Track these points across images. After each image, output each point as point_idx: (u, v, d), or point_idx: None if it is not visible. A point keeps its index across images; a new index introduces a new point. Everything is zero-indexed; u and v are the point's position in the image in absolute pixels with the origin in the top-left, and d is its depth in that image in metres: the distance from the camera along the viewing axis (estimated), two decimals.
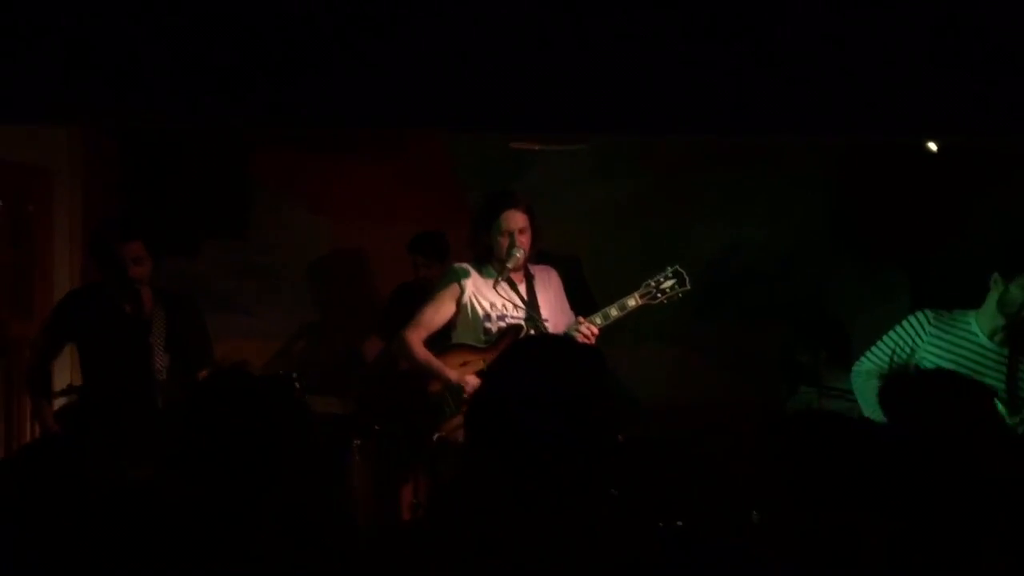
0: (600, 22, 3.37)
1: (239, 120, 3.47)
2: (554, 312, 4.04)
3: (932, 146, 4.56)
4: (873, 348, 3.94)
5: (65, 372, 4.70)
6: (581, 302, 4.23)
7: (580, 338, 3.81)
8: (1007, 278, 3.74)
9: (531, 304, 3.97)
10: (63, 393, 4.18)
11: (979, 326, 3.79)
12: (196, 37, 3.27)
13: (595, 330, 3.88)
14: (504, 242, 3.91)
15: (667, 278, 3.98)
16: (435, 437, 3.90)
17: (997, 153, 4.85)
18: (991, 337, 3.77)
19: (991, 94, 3.32)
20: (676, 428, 5.11)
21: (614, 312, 3.95)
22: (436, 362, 3.95)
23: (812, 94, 3.36)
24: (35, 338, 4.29)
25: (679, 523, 4.24)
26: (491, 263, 3.99)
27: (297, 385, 4.47)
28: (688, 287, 3.98)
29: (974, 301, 3.85)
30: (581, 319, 3.93)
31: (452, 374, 3.91)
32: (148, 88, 3.29)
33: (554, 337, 3.39)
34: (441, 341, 4.07)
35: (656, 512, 4.28)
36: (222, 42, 3.28)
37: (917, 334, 3.83)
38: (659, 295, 3.97)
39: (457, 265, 4.08)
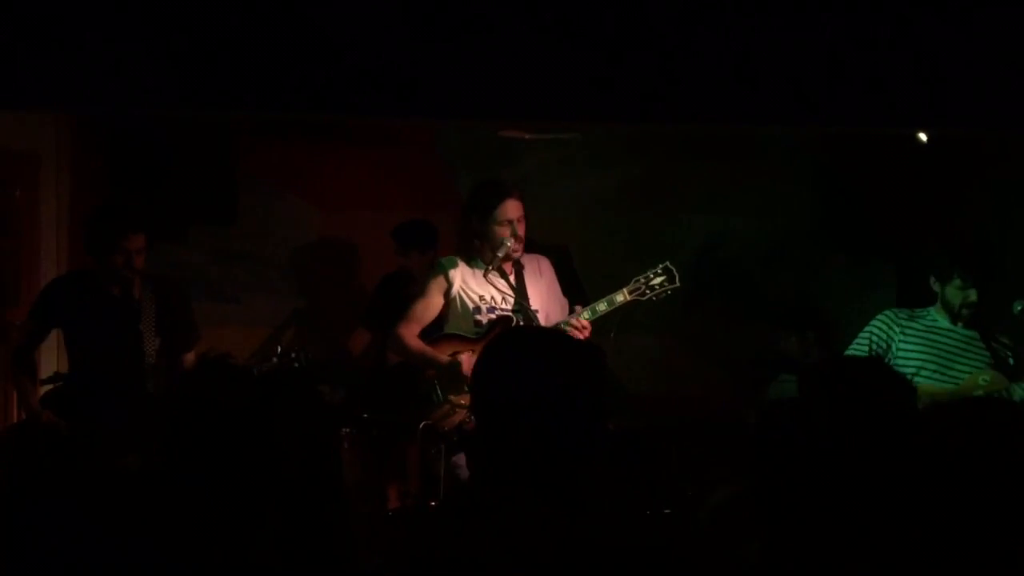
0: (592, 9, 3.38)
1: (233, 109, 3.47)
2: (545, 301, 4.05)
3: (923, 137, 4.58)
4: (849, 351, 4.01)
5: (51, 360, 4.69)
6: (570, 292, 4.24)
7: (572, 332, 3.83)
8: (941, 281, 3.87)
9: (520, 294, 3.98)
10: (49, 380, 4.17)
11: (941, 316, 3.91)
12: (188, 26, 3.26)
13: (586, 323, 3.89)
14: (505, 231, 3.91)
15: (657, 275, 3.97)
16: (422, 425, 3.92)
17: (983, 147, 4.88)
18: (955, 323, 3.88)
19: (989, 86, 3.34)
20: (662, 418, 5.13)
21: (602, 307, 3.96)
22: (429, 350, 3.98)
23: (806, 84, 3.37)
24: (21, 323, 4.28)
25: (666, 511, 4.27)
26: (482, 254, 3.99)
27: (296, 365, 4.48)
28: (678, 284, 3.97)
29: None
30: (578, 308, 3.93)
31: (444, 357, 3.93)
32: (142, 77, 3.27)
33: (548, 331, 3.40)
34: (432, 331, 4.08)
35: (643, 500, 4.31)
36: (216, 31, 3.27)
37: (890, 329, 3.94)
38: (648, 292, 3.97)
39: (445, 258, 4.09)
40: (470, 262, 4.02)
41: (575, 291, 4.29)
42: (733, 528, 1.91)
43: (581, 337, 3.83)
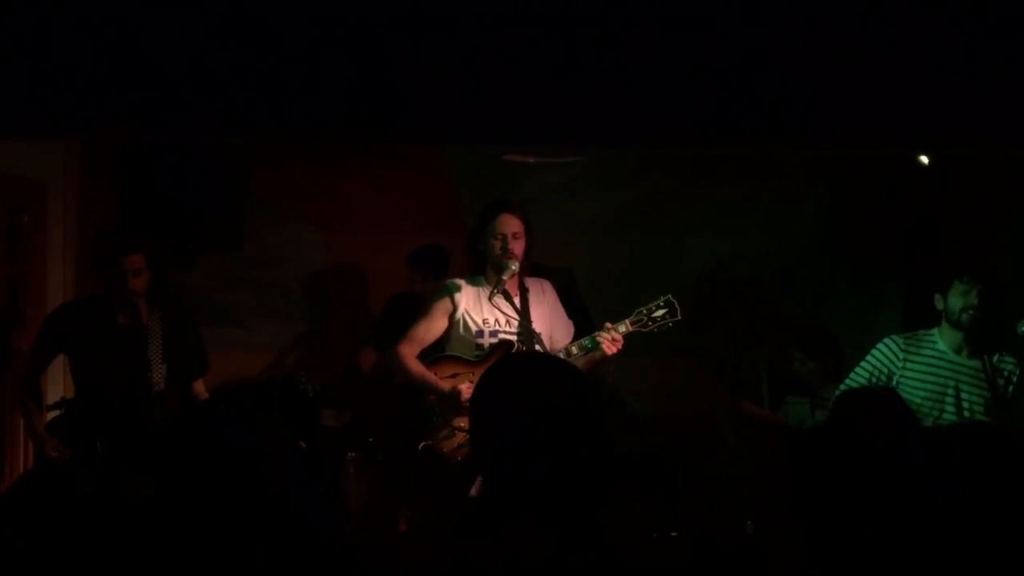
0: (595, 33, 3.39)
1: (241, 135, 3.49)
2: (548, 325, 4.06)
3: (924, 159, 4.60)
4: (849, 380, 4.00)
5: (58, 386, 4.70)
6: (575, 314, 4.24)
7: (604, 344, 3.87)
8: (943, 292, 3.86)
9: (524, 317, 3.98)
10: (55, 407, 4.17)
11: (944, 344, 3.88)
12: (198, 50, 3.28)
13: (619, 336, 3.92)
14: (497, 245, 3.95)
15: (659, 307, 4.01)
16: (421, 446, 3.93)
17: (989, 165, 4.88)
18: (958, 352, 3.86)
19: (986, 105, 3.34)
20: (670, 440, 5.11)
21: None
22: (430, 375, 3.99)
23: (806, 105, 3.38)
24: (27, 349, 4.29)
25: (674, 533, 4.26)
26: (485, 275, 4.02)
27: (308, 388, 4.48)
28: (679, 317, 4.01)
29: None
30: (609, 325, 3.94)
31: (445, 384, 3.94)
32: (151, 103, 3.29)
33: (537, 357, 3.40)
34: (433, 351, 4.09)
35: (651, 523, 4.29)
36: (224, 56, 3.29)
37: (891, 362, 3.92)
38: (650, 323, 4.00)
39: (450, 281, 4.11)
40: (475, 283, 4.04)
41: (580, 313, 4.29)
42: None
43: (613, 349, 3.87)
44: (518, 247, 3.96)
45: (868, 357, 3.98)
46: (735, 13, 3.36)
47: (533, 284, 4.11)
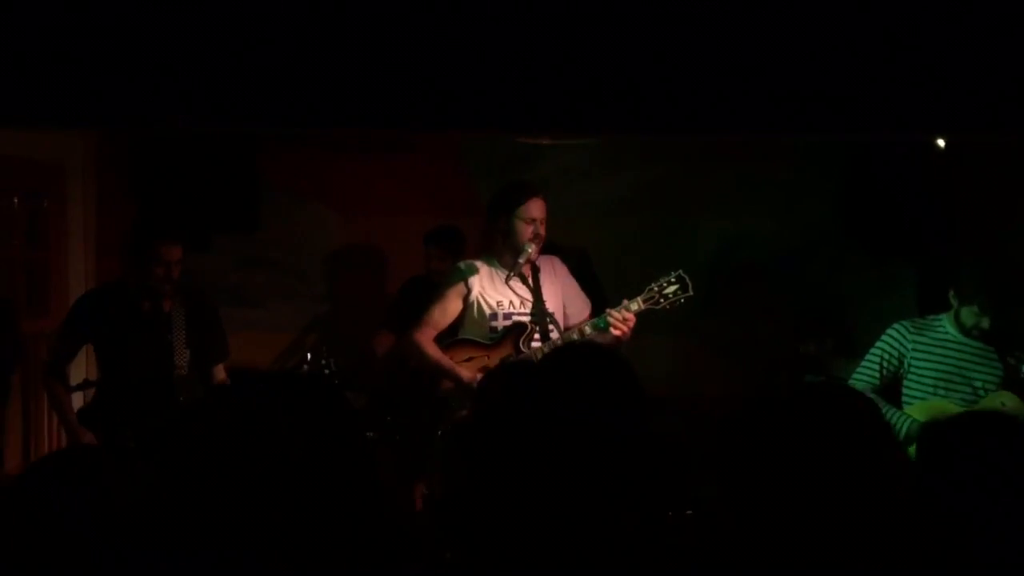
0: (604, 19, 3.40)
1: (249, 124, 3.51)
2: (561, 301, 4.07)
3: (940, 142, 4.60)
4: (860, 367, 4.05)
5: (80, 366, 4.75)
6: (590, 294, 4.27)
7: (614, 323, 3.85)
8: (960, 300, 3.88)
9: (537, 297, 4.00)
10: (79, 387, 4.20)
11: (952, 328, 3.90)
12: (204, 40, 3.31)
13: (630, 316, 3.90)
14: (528, 230, 3.94)
15: (670, 283, 3.97)
16: (440, 433, 3.94)
17: (1003, 149, 4.88)
18: (968, 335, 3.88)
19: (997, 91, 3.35)
20: (681, 419, 5.15)
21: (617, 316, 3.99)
22: (447, 361, 3.98)
23: (817, 92, 3.39)
24: (53, 338, 4.33)
25: (689, 512, 4.30)
26: (500, 256, 4.03)
27: (326, 371, 4.52)
28: (691, 293, 3.96)
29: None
30: (625, 301, 3.94)
31: (465, 373, 3.94)
32: (159, 93, 3.32)
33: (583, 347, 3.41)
34: (447, 335, 4.10)
35: (666, 502, 4.33)
36: (230, 43, 3.32)
37: (902, 345, 3.95)
38: (661, 300, 3.96)
39: (464, 263, 4.12)
40: (490, 264, 4.06)
41: (594, 294, 4.31)
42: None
43: (624, 329, 3.86)
44: (544, 231, 3.99)
45: (877, 343, 4.02)
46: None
47: (544, 262, 4.11)
